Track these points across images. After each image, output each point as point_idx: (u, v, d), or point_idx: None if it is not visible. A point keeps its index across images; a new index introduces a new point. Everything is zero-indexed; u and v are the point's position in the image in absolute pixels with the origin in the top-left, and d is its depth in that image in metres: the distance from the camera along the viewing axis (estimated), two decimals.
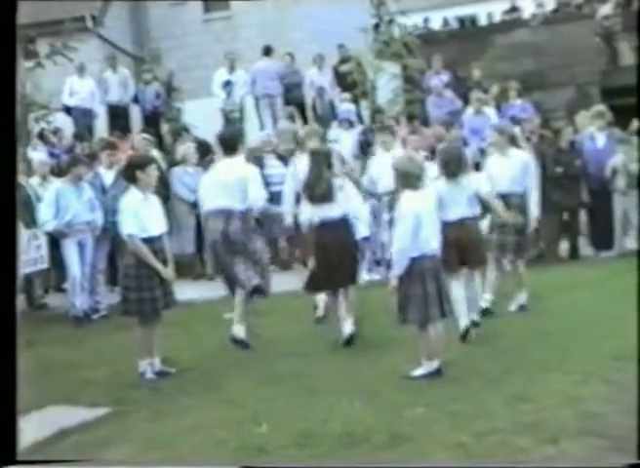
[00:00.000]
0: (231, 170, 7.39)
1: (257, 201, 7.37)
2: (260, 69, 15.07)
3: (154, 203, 6.81)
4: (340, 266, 7.12)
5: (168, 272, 6.69)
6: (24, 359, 7.80)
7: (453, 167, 7.00)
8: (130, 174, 6.71)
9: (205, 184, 7.71)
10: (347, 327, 7.19)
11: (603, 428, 4.80)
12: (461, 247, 6.91)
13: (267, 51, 15.28)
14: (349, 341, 7.14)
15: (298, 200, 7.88)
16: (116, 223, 7.25)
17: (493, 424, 5.04)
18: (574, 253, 10.52)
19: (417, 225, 5.85)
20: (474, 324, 7.04)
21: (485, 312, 7.62)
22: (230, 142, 7.61)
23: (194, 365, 7.10)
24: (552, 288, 8.67)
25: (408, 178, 5.97)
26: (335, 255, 7.07)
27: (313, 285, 7.35)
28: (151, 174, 6.69)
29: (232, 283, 7.52)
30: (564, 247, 10.61)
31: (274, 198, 8.76)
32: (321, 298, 8.02)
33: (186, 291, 9.77)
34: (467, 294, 7.04)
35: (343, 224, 7.16)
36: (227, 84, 14.93)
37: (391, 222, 7.56)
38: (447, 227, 6.59)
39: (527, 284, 8.08)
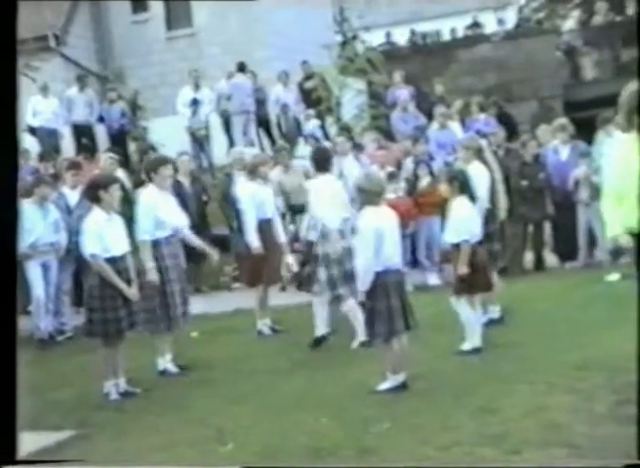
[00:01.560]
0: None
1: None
2: (237, 85, 15.08)
3: (117, 223, 6.79)
4: None
5: (132, 292, 6.65)
6: None
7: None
8: (93, 194, 6.68)
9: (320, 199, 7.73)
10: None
11: (566, 437, 4.82)
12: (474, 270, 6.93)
13: (242, 67, 15.31)
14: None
15: None
16: (80, 243, 7.19)
17: (458, 437, 5.05)
18: (539, 264, 10.59)
19: (378, 241, 5.88)
20: (476, 350, 6.93)
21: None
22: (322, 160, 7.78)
23: (159, 384, 7.04)
24: (518, 299, 8.69)
25: (367, 195, 6.02)
26: None
27: None
28: (114, 194, 6.67)
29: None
30: (529, 258, 10.68)
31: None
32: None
33: None
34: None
35: None
36: (194, 102, 14.92)
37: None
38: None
39: (499, 297, 8.08)
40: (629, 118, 4.95)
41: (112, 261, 6.58)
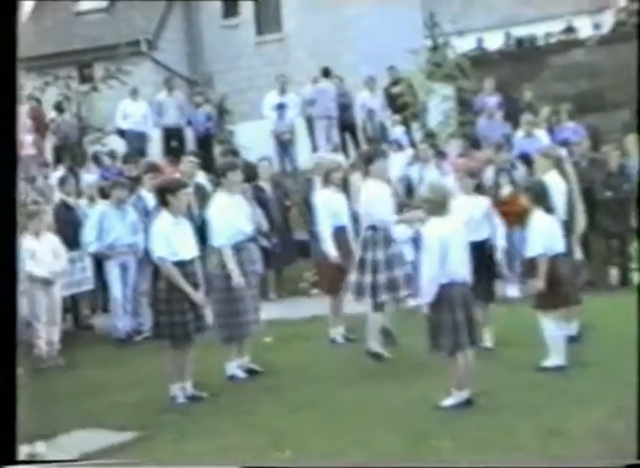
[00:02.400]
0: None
1: None
2: (321, 90, 15.08)
3: (186, 227, 6.84)
4: None
5: (199, 296, 6.68)
6: (63, 380, 7.98)
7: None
8: (161, 197, 6.76)
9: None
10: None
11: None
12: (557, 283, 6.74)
13: (326, 72, 15.31)
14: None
15: None
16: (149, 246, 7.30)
17: (520, 456, 4.88)
18: (624, 279, 10.20)
19: (443, 252, 5.76)
20: (558, 368, 6.74)
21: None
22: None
23: (226, 389, 7.07)
24: (598, 316, 8.37)
25: (431, 205, 5.91)
26: None
27: None
28: (182, 198, 6.73)
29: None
30: (614, 273, 10.29)
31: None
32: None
33: None
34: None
35: None
36: (280, 106, 14.99)
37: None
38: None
39: (574, 312, 7.80)
40: None
41: (180, 265, 6.62)
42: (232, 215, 7.34)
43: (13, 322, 4.77)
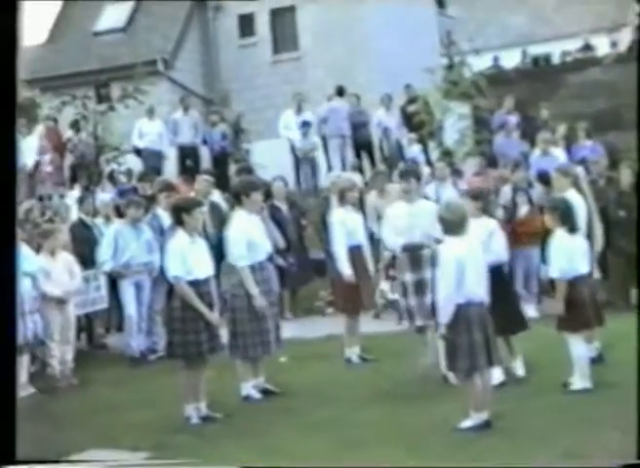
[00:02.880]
0: None
1: None
2: (334, 109, 15.11)
3: (201, 246, 6.81)
4: None
5: (213, 316, 6.63)
6: (77, 399, 7.94)
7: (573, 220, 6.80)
8: (176, 216, 6.74)
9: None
10: None
11: None
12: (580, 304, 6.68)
13: (340, 91, 15.35)
14: None
15: None
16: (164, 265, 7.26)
17: None
18: None
19: (460, 272, 5.70)
20: (585, 390, 6.63)
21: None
22: None
23: (241, 410, 6.99)
24: (620, 337, 8.24)
25: (448, 224, 5.85)
26: None
27: None
28: (197, 217, 6.71)
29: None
30: (634, 293, 10.14)
31: None
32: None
33: None
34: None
35: None
36: (305, 124, 14.99)
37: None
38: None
39: (595, 333, 7.68)
40: None
41: (195, 284, 6.58)
42: (252, 235, 7.29)
43: (13, 323, 4.73)
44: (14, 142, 5.02)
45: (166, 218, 9.80)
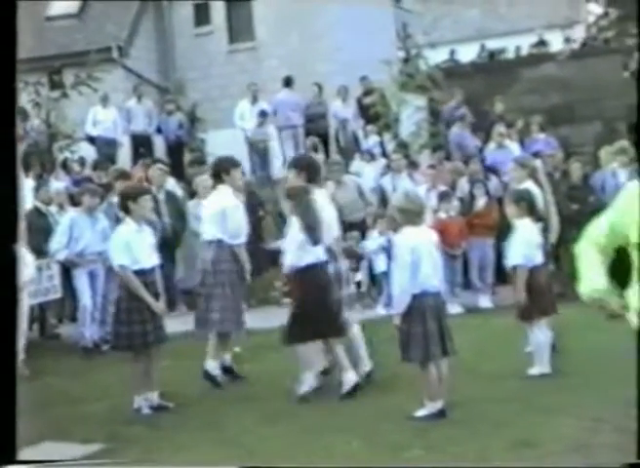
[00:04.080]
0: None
1: None
2: (282, 100, 15.08)
3: (148, 235, 6.72)
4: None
5: (159, 306, 6.57)
6: (28, 391, 7.78)
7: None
8: (123, 204, 6.65)
9: None
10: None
11: None
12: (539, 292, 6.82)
13: (288, 82, 15.33)
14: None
15: None
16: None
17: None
18: None
19: (415, 262, 5.71)
20: (543, 376, 6.78)
21: None
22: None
23: (195, 400, 6.94)
24: (571, 327, 8.37)
25: (407, 215, 5.85)
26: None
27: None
28: (144, 205, 6.61)
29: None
30: None
31: None
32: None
33: None
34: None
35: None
36: (262, 114, 14.91)
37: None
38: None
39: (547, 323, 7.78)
40: None
41: (141, 273, 6.50)
42: (240, 214, 7.35)
43: (13, 323, 4.64)
44: (13, 134, 4.91)
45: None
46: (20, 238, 4.94)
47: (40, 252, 9.26)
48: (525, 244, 6.82)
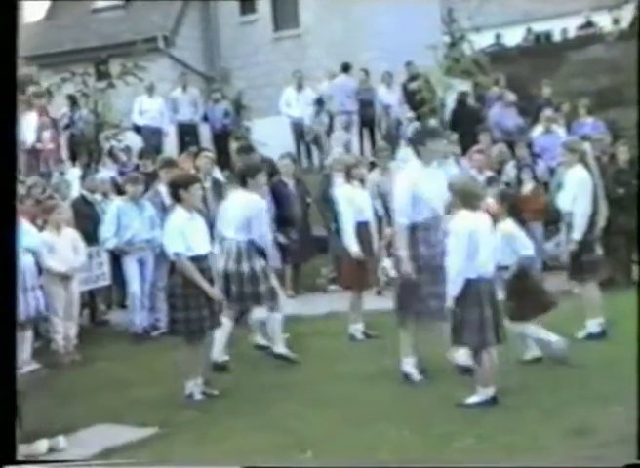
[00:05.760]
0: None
1: None
2: (339, 85, 15.03)
3: (199, 222, 6.77)
4: None
5: (214, 291, 6.62)
6: (81, 375, 7.94)
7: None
8: (174, 193, 6.70)
9: None
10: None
11: None
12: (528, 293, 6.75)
13: (346, 68, 15.25)
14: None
15: None
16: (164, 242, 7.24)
17: (546, 458, 4.79)
18: None
19: (473, 246, 5.67)
20: (537, 359, 6.82)
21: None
22: None
23: (248, 386, 6.99)
24: (622, 313, 8.24)
25: (468, 198, 5.81)
26: None
27: None
28: (195, 193, 6.66)
29: None
30: (636, 270, 10.14)
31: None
32: None
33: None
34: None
35: None
36: (319, 102, 14.90)
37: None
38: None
39: (598, 310, 7.68)
40: None
41: (195, 260, 6.55)
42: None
43: (12, 322, 4.71)
44: (14, 120, 4.98)
45: (167, 195, 9.79)
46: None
47: (88, 239, 9.40)
48: (508, 245, 6.72)
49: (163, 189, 9.59)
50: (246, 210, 7.35)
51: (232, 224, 7.40)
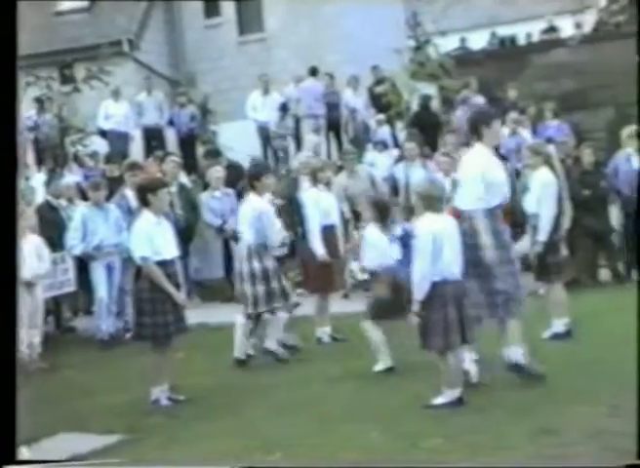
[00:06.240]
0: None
1: None
2: (307, 89, 15.03)
3: (167, 227, 6.76)
4: None
5: (180, 296, 6.60)
6: (46, 383, 7.84)
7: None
8: (141, 197, 6.67)
9: None
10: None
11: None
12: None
13: (313, 71, 15.26)
14: None
15: None
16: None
17: (513, 457, 4.81)
18: (612, 276, 10.19)
19: (437, 248, 5.69)
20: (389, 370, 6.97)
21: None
22: None
23: (215, 390, 6.97)
24: (587, 313, 8.34)
25: (429, 201, 5.84)
26: None
27: None
28: (163, 197, 6.64)
29: None
30: (600, 270, 10.28)
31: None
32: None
33: (215, 314, 9.73)
34: None
35: None
36: (283, 107, 14.87)
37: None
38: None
39: (563, 310, 7.74)
40: None
41: (162, 265, 6.53)
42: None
43: (13, 322, 4.66)
44: (14, 120, 4.93)
45: (133, 198, 9.74)
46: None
47: (53, 245, 9.31)
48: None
49: (129, 193, 9.56)
50: (254, 212, 7.54)
51: (243, 226, 7.66)
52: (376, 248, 7.03)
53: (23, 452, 5.52)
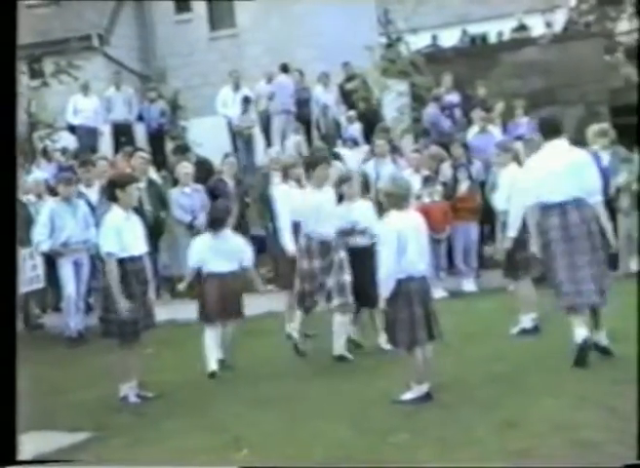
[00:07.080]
0: None
1: None
2: (281, 85, 15.01)
3: (136, 223, 6.72)
4: None
5: (123, 301, 6.45)
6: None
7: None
8: (110, 192, 6.63)
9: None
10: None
11: (596, 458, 4.58)
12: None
13: (285, 68, 15.25)
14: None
15: None
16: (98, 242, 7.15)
17: (480, 451, 4.85)
18: None
19: (401, 246, 5.70)
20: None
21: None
22: None
23: (184, 387, 6.95)
24: (553, 309, 8.40)
25: (393, 198, 5.84)
26: None
27: None
28: (132, 193, 6.60)
29: None
30: None
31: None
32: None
33: (184, 310, 9.68)
34: None
35: None
36: (246, 100, 14.83)
37: None
38: None
39: (532, 305, 7.81)
40: None
41: (130, 261, 6.49)
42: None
43: (12, 322, 4.62)
44: (13, 120, 4.88)
45: (91, 195, 9.72)
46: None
47: (22, 241, 9.20)
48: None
49: (84, 189, 9.50)
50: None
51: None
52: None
53: None
